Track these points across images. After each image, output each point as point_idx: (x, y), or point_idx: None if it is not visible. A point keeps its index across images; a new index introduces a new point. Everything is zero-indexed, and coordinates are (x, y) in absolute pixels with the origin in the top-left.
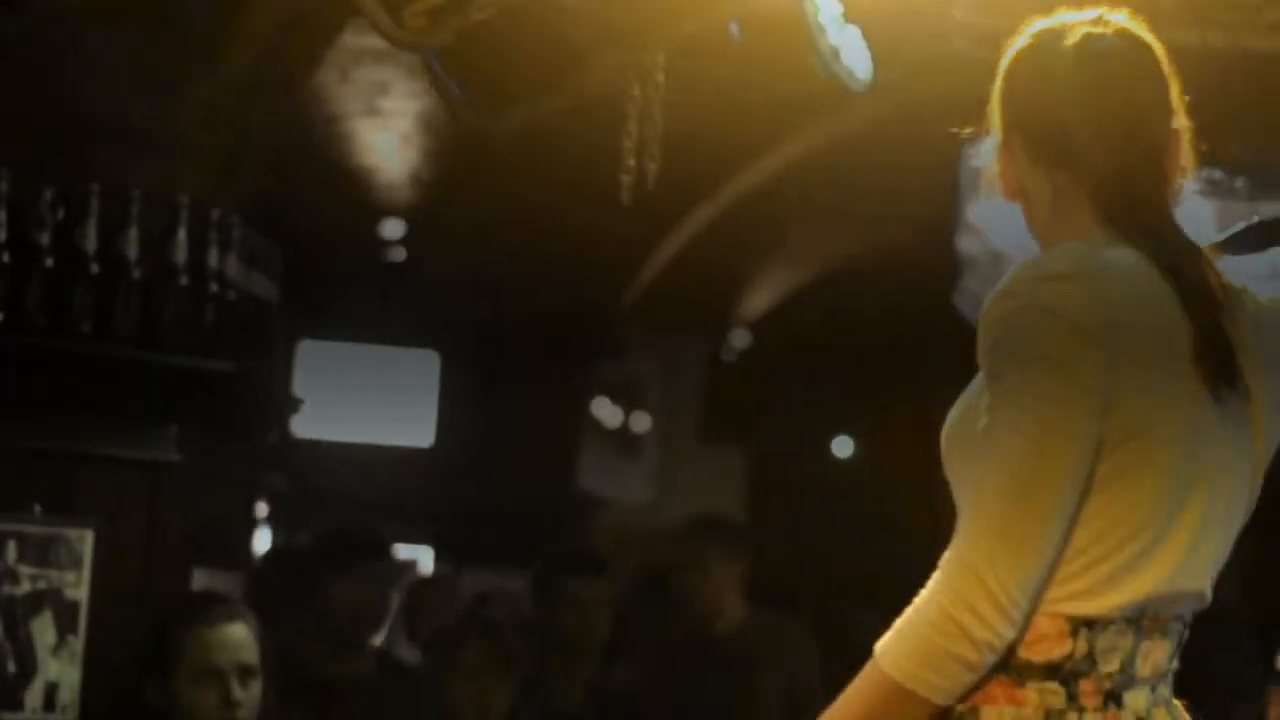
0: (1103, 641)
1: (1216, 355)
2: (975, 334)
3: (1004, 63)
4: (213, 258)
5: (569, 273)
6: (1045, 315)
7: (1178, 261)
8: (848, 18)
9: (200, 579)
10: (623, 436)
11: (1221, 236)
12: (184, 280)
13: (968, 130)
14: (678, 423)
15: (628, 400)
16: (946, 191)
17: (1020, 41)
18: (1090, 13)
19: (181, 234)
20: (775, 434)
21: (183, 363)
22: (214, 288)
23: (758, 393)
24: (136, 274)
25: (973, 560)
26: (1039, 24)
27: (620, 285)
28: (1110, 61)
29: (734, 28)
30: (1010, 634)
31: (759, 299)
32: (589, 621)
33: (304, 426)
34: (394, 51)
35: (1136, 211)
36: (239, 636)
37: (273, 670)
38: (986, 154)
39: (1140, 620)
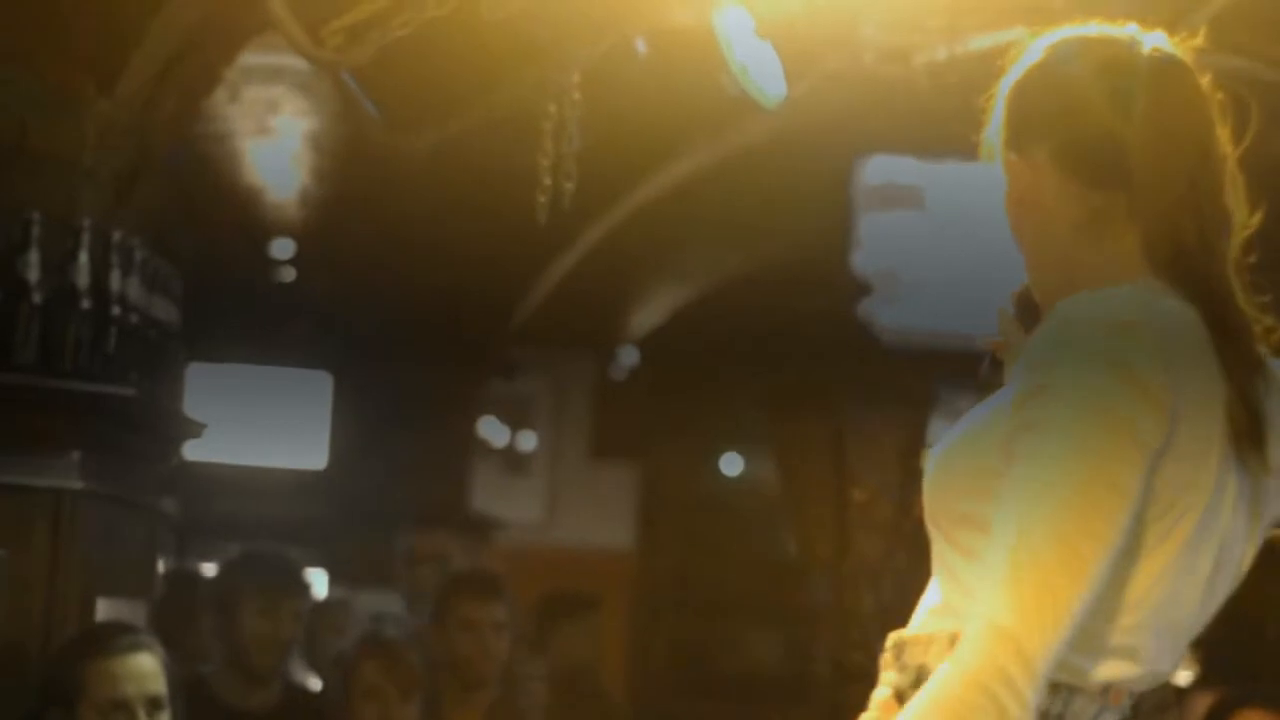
0: (1075, 707)
1: (1250, 424)
2: (868, 352)
3: (1026, 67)
4: (114, 281)
5: (460, 292)
6: (1110, 367)
7: (1224, 316)
8: (759, 34)
9: (105, 609)
10: (511, 455)
11: None
12: (85, 304)
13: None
14: (567, 441)
15: (516, 419)
16: (841, 207)
17: (1041, 46)
18: (1132, 28)
19: (83, 257)
20: (665, 452)
21: (85, 388)
22: (116, 311)
23: (647, 410)
24: (37, 298)
25: (1010, 626)
26: (1069, 32)
27: (511, 304)
28: (1181, 87)
29: (639, 44)
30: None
31: (648, 316)
32: (487, 644)
33: (198, 450)
34: (285, 69)
35: (1185, 250)
36: (146, 667)
37: (181, 701)
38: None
39: (1106, 697)
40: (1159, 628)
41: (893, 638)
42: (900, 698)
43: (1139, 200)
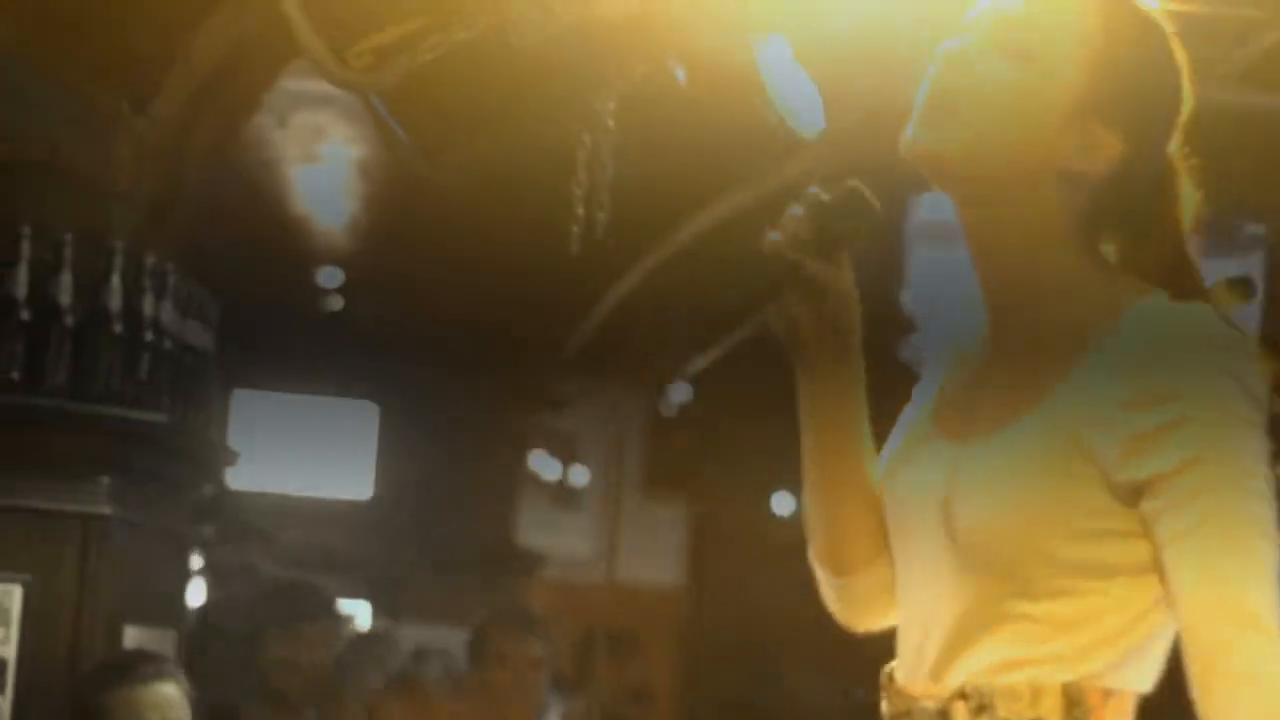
0: None
1: None
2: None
3: (1105, 24)
4: (147, 305)
5: (509, 323)
6: (1234, 383)
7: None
8: (799, 63)
9: (133, 637)
10: (562, 490)
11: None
12: (118, 327)
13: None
14: (619, 476)
15: (568, 453)
16: (892, 243)
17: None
18: None
19: (115, 280)
20: (716, 489)
21: (116, 412)
22: (149, 336)
23: (698, 447)
24: (69, 321)
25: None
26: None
27: (561, 336)
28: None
29: (679, 72)
30: None
31: (701, 352)
32: (524, 681)
33: (239, 478)
34: (333, 96)
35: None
36: (168, 696)
37: None
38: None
39: None
40: None
41: (952, 697)
42: None
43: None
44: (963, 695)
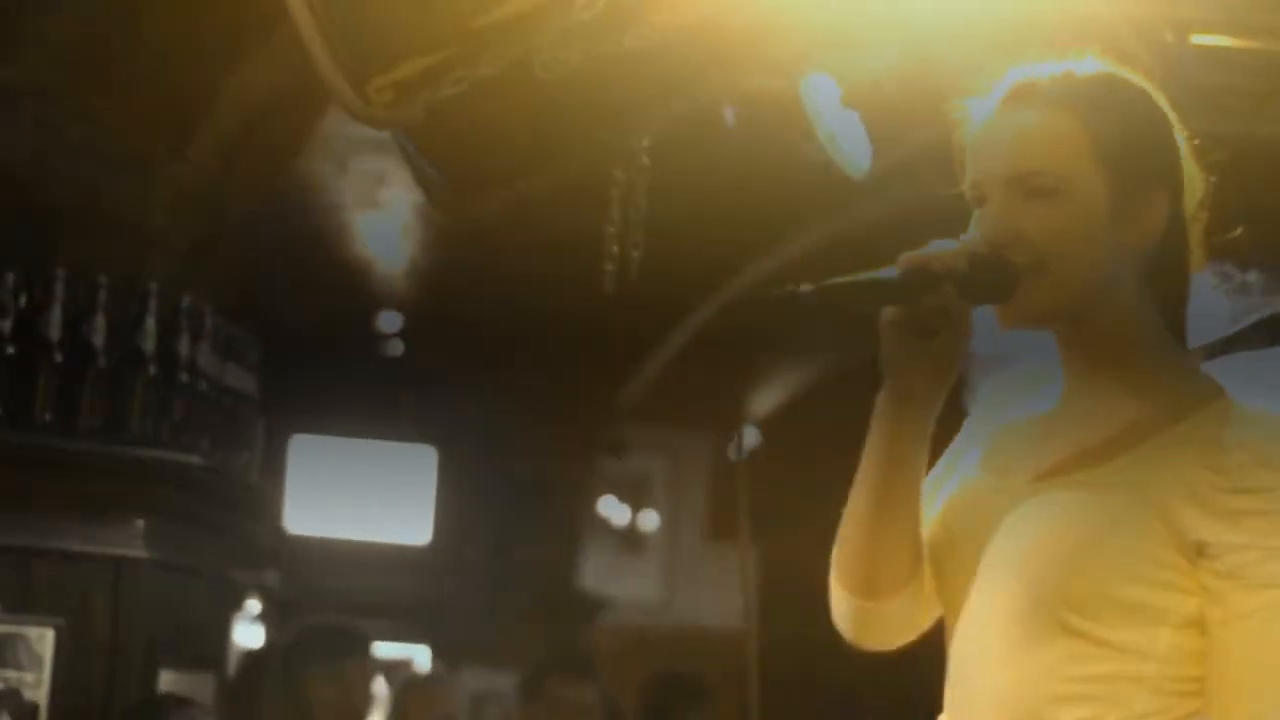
0: None
1: None
2: None
3: (1126, 100)
4: (183, 346)
5: (570, 365)
6: None
7: None
8: (846, 102)
9: (168, 680)
10: (629, 534)
11: (1235, 329)
12: (152, 369)
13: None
14: (685, 521)
15: (636, 498)
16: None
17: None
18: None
19: (150, 322)
20: (784, 534)
21: (150, 454)
22: (184, 377)
23: (767, 492)
24: (103, 362)
25: None
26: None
27: (624, 378)
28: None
29: (729, 112)
30: None
31: (769, 396)
32: None
33: (298, 522)
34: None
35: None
36: None
37: None
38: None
39: None
40: None
41: None
42: None
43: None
44: None
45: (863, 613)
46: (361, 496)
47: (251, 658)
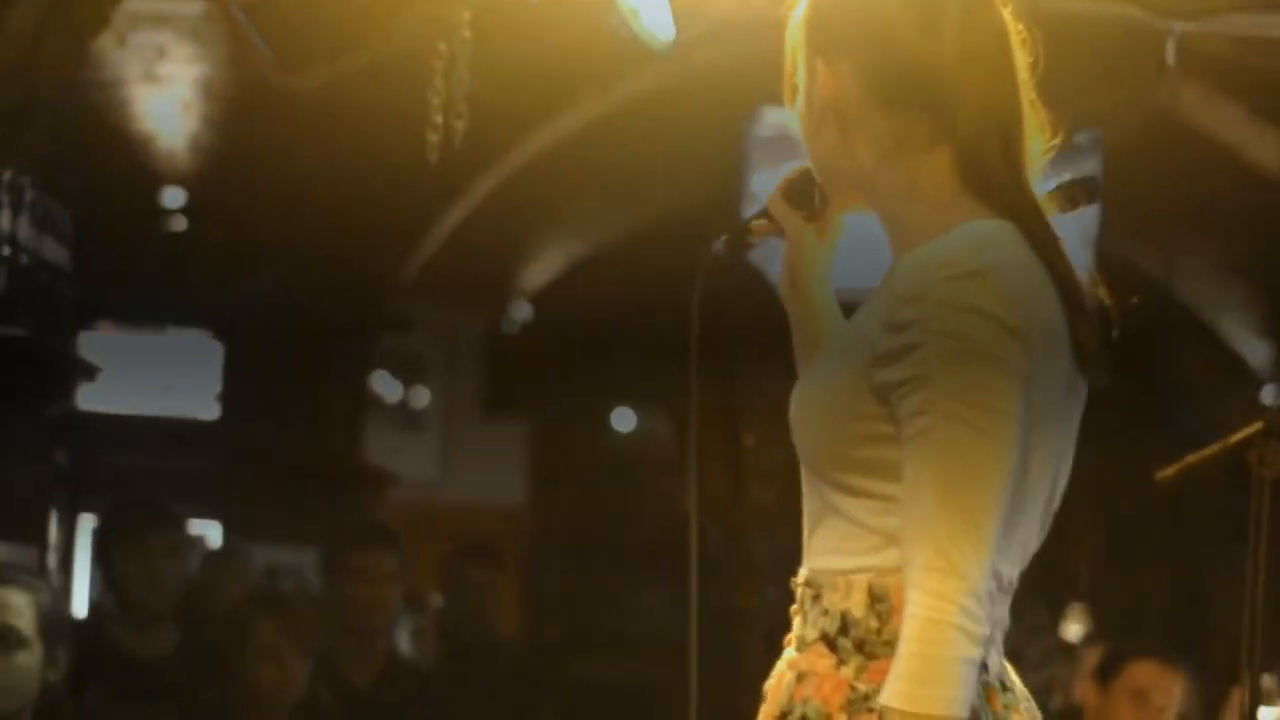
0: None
1: (1092, 344)
2: (755, 299)
3: None
4: (4, 220)
5: (354, 243)
6: (969, 313)
7: (1035, 228)
8: None
9: None
10: (404, 411)
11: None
12: None
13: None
14: (459, 396)
15: (409, 374)
16: (735, 159)
17: None
18: None
19: None
20: (557, 407)
21: None
22: (5, 251)
23: (540, 366)
24: None
25: (946, 562)
26: None
27: (401, 256)
28: (989, 12)
29: None
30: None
31: (540, 270)
32: (379, 595)
33: (89, 399)
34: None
35: (994, 170)
36: (8, 600)
37: (67, 645)
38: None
39: (999, 589)
40: (1019, 524)
41: (802, 584)
42: (829, 643)
43: (949, 124)
44: (807, 583)
45: None
46: (151, 373)
47: (64, 535)
